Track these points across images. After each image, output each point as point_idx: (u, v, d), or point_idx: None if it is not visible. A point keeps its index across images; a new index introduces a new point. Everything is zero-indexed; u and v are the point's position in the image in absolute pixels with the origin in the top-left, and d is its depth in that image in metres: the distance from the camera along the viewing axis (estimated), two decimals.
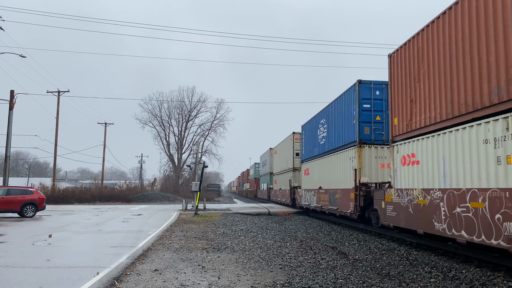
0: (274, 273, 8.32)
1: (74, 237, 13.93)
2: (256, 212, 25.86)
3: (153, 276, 7.82)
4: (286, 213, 25.77)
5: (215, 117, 63.13)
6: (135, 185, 59.89)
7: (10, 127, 30.23)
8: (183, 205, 29.35)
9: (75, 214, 25.43)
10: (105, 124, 55.86)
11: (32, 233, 14.79)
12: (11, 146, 30.64)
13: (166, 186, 56.92)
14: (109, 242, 12.65)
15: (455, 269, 8.79)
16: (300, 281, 7.59)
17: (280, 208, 29.66)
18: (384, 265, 9.52)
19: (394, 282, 7.79)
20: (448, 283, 7.72)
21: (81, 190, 47.83)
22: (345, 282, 7.57)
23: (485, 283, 7.60)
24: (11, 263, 9.11)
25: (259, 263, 9.40)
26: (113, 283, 7.24)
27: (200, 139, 63.70)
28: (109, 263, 9.02)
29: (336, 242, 13.63)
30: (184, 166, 60.07)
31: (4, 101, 31.27)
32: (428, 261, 9.75)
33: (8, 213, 22.51)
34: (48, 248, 11.50)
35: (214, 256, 10.22)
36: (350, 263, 9.66)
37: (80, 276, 7.78)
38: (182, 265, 8.97)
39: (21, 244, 12.10)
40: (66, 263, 9.21)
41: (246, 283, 7.39)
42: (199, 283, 7.31)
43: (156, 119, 62.67)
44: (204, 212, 26.43)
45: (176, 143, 63.80)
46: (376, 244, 12.59)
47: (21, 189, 23.05)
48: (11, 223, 19.13)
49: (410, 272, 8.78)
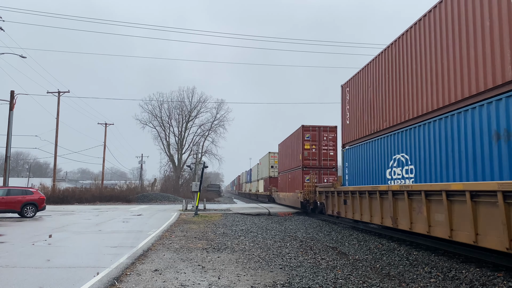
0: (274, 273, 8.32)
1: (74, 237, 13.93)
2: (256, 213, 25.86)
3: (153, 276, 7.83)
4: (286, 213, 25.81)
5: (215, 118, 63.10)
6: (135, 185, 59.86)
7: (10, 128, 30.25)
8: (183, 205, 29.36)
9: (75, 214, 25.43)
10: (105, 125, 55.89)
11: (32, 233, 14.79)
12: (11, 147, 30.66)
13: (166, 187, 56.89)
14: (109, 242, 12.66)
15: (455, 269, 8.79)
16: (300, 281, 7.60)
17: (280, 208, 29.66)
18: (384, 265, 9.53)
19: (394, 282, 7.79)
20: (448, 283, 7.72)
21: (81, 190, 47.79)
22: (345, 282, 7.57)
23: (485, 283, 7.60)
24: (11, 263, 9.12)
25: (259, 263, 9.40)
26: (113, 283, 7.25)
27: (200, 139, 63.70)
28: (109, 263, 9.02)
29: (336, 242, 13.63)
30: (184, 166, 60.05)
31: (4, 102, 31.31)
32: (428, 261, 9.75)
33: (8, 213, 22.51)
34: (48, 248, 11.51)
35: (214, 256, 10.22)
36: (350, 263, 9.66)
37: (80, 276, 7.78)
38: (182, 265, 8.98)
39: (21, 244, 12.10)
40: (66, 263, 9.22)
41: (246, 283, 7.39)
42: (199, 283, 7.31)
43: (156, 119, 62.65)
44: (204, 212, 26.44)
45: (176, 143, 63.78)
46: (376, 244, 12.59)
47: (21, 190, 23.06)
48: (11, 223, 19.13)
49: (410, 272, 8.78)
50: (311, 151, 26.46)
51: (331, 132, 26.82)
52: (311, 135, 26.58)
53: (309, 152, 26.39)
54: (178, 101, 62.53)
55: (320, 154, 26.51)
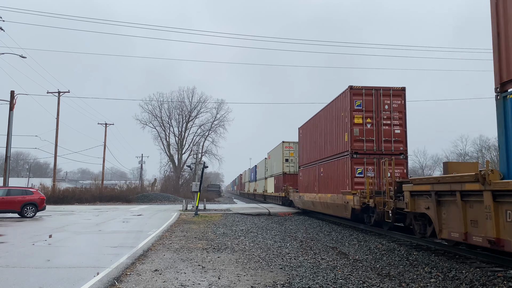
0: (274, 273, 8.32)
1: (74, 238, 13.93)
2: (256, 213, 25.86)
3: (153, 276, 7.83)
4: (286, 213, 25.79)
5: (215, 118, 63.06)
6: (135, 185, 59.90)
7: (10, 128, 30.25)
8: (183, 205, 29.36)
9: (75, 214, 25.43)
10: (105, 125, 55.89)
11: (32, 233, 14.79)
12: (11, 147, 30.69)
13: (166, 187, 56.90)
14: (109, 242, 12.66)
15: (455, 269, 8.79)
16: (300, 281, 7.59)
17: (280, 208, 29.67)
18: (384, 265, 9.53)
19: (394, 282, 7.79)
20: (448, 283, 7.72)
21: (81, 190, 47.80)
22: (345, 282, 7.57)
23: (485, 283, 7.60)
24: (11, 263, 9.12)
25: (259, 263, 9.40)
26: (113, 283, 7.25)
27: (200, 139, 63.68)
28: (109, 263, 9.02)
29: (336, 242, 13.63)
30: (184, 166, 60.00)
31: (4, 102, 31.31)
32: (428, 261, 9.75)
33: (8, 214, 22.50)
34: (48, 248, 11.51)
35: (214, 256, 10.22)
36: (350, 263, 9.66)
37: (80, 276, 7.78)
38: (182, 265, 8.98)
39: (21, 244, 12.10)
40: (66, 263, 9.22)
41: (246, 283, 7.39)
42: (199, 283, 7.31)
43: (156, 119, 62.61)
44: (204, 212, 26.43)
45: (176, 143, 63.76)
46: (376, 245, 12.59)
47: (22, 190, 23.07)
48: (11, 223, 19.13)
49: (410, 272, 8.78)
50: (365, 127, 17.10)
51: (396, 98, 17.37)
52: (365, 102, 17.21)
53: (361, 130, 17.09)
54: (178, 101, 62.53)
55: (380, 132, 17.14)
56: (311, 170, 23.87)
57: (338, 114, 18.67)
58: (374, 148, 17.07)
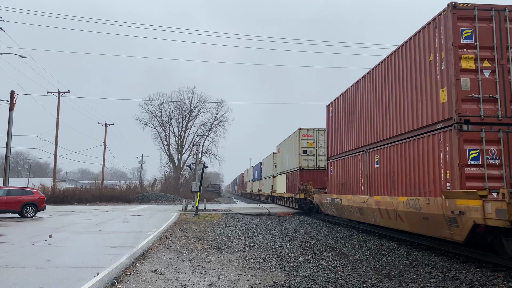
0: (274, 273, 8.32)
1: (74, 238, 13.93)
2: (256, 213, 25.86)
3: (153, 276, 7.83)
4: (286, 213, 25.78)
5: (215, 118, 63.08)
6: (135, 185, 59.92)
7: (10, 128, 30.24)
8: (183, 205, 29.36)
9: (75, 214, 25.43)
10: (105, 125, 55.88)
11: (32, 234, 14.79)
12: (11, 147, 30.68)
13: (166, 187, 56.92)
14: (109, 242, 12.66)
15: (455, 269, 8.79)
16: (300, 281, 7.59)
17: (280, 208, 29.67)
18: (384, 266, 9.52)
19: (394, 282, 7.79)
20: (448, 284, 7.72)
21: (81, 190, 47.80)
22: (345, 282, 7.57)
23: (485, 283, 7.59)
24: (11, 263, 9.12)
25: (259, 264, 9.40)
26: (113, 283, 7.25)
27: (200, 139, 63.72)
28: (109, 263, 9.02)
29: (336, 242, 13.63)
30: (184, 166, 60.03)
31: (4, 102, 31.31)
32: (428, 262, 9.75)
33: (8, 214, 22.50)
34: (48, 248, 11.51)
35: (214, 257, 10.22)
36: (350, 264, 9.66)
37: (80, 276, 7.78)
38: (182, 265, 8.97)
39: (21, 244, 12.10)
40: (66, 263, 9.22)
41: (246, 283, 7.39)
42: (199, 283, 7.31)
43: (157, 119, 62.64)
44: (204, 212, 26.43)
45: (176, 143, 63.79)
46: (376, 245, 12.59)
47: (22, 190, 23.07)
48: (11, 223, 19.13)
49: (410, 272, 8.78)
50: (481, 76, 9.65)
51: None
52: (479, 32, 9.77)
53: (473, 81, 9.60)
54: (178, 101, 62.56)
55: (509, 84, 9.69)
56: (351, 161, 16.91)
57: (420, 60, 11.30)
58: (499, 114, 9.60)
